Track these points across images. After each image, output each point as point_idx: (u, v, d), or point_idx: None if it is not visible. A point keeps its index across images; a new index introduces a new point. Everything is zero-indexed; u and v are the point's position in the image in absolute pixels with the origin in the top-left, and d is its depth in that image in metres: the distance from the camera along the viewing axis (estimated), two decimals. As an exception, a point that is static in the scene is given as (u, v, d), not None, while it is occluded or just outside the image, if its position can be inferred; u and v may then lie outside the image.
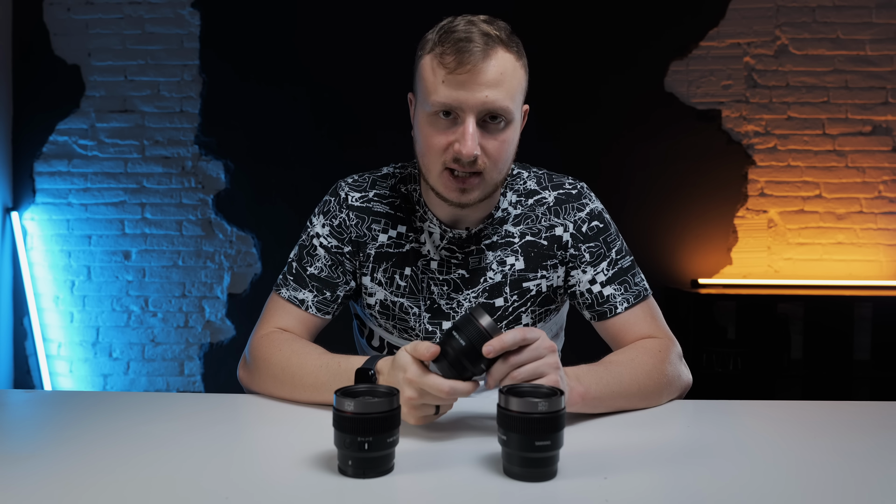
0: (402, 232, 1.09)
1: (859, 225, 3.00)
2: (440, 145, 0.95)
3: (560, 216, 1.09)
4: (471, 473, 0.71)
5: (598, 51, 3.03)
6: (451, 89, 0.92)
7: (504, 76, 0.93)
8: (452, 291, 1.07)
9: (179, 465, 0.73)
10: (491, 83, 0.92)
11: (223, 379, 3.09)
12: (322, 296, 1.08)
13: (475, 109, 0.92)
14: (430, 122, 0.96)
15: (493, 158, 0.96)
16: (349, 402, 0.68)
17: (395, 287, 1.08)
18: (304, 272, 1.09)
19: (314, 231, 1.11)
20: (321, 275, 1.08)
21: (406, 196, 1.11)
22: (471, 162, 0.94)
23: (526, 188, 1.11)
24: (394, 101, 3.02)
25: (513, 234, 1.08)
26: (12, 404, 1.04)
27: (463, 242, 1.07)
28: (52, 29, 3.10)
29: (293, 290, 1.09)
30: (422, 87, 0.97)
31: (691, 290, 2.86)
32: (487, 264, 1.07)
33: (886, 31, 2.98)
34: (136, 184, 3.10)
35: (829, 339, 2.77)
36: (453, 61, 0.92)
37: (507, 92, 0.94)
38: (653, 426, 0.90)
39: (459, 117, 0.94)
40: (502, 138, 0.96)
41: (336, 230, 1.09)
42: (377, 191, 1.11)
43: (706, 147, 3.00)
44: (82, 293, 3.10)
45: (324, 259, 1.09)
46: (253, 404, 0.99)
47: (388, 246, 1.09)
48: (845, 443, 0.84)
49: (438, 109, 0.94)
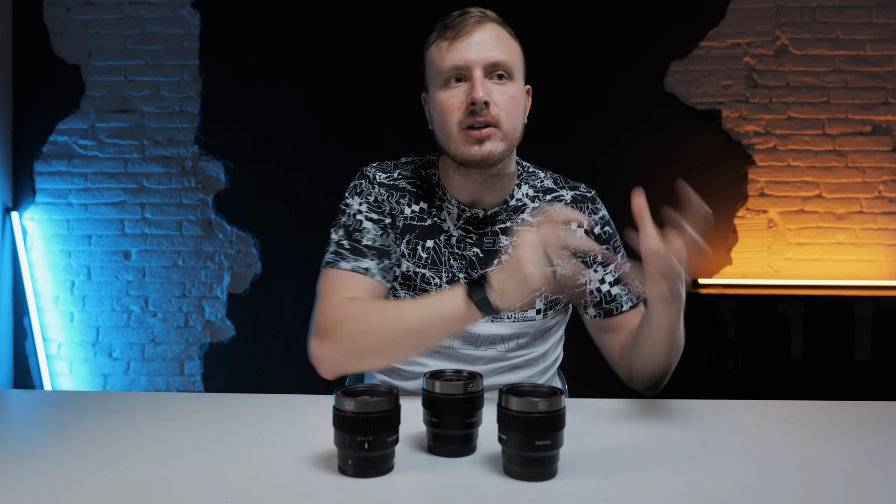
0: (425, 207, 1.14)
1: (859, 225, 3.00)
2: (454, 104, 1.03)
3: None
4: (471, 473, 0.71)
5: (598, 51, 3.02)
6: (455, 52, 1.02)
7: (501, 40, 1.04)
8: (468, 267, 1.12)
9: (179, 464, 0.73)
10: (490, 42, 1.03)
11: (223, 379, 3.09)
12: (382, 263, 1.08)
13: (480, 64, 1.02)
14: (443, 90, 1.04)
15: (504, 109, 1.03)
16: (349, 402, 0.68)
17: (416, 258, 1.12)
18: (360, 243, 1.08)
19: (354, 210, 1.12)
20: (376, 244, 1.09)
21: (426, 179, 1.16)
22: (483, 109, 1.01)
23: (543, 185, 1.19)
24: (394, 101, 3.02)
25: (531, 223, 1.14)
26: (12, 404, 1.04)
27: (479, 223, 1.13)
28: (52, 29, 3.10)
29: (354, 261, 1.06)
30: (432, 69, 1.07)
31: (691, 290, 2.86)
32: (502, 247, 1.12)
33: (886, 31, 2.98)
34: (136, 184, 3.10)
35: (829, 339, 2.77)
36: (452, 32, 1.03)
37: (507, 52, 1.04)
38: (653, 426, 0.91)
39: (467, 77, 1.03)
40: (510, 93, 1.04)
41: (374, 205, 1.12)
42: (400, 171, 1.17)
43: (706, 147, 3.00)
44: (82, 293, 3.10)
45: (373, 230, 1.10)
46: (253, 404, 0.99)
47: (412, 219, 1.13)
48: (845, 443, 0.84)
49: (448, 75, 1.03)
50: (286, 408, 0.98)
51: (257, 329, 3.08)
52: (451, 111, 1.03)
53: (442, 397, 0.75)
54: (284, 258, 3.07)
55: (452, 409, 0.75)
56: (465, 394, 0.76)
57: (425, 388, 0.77)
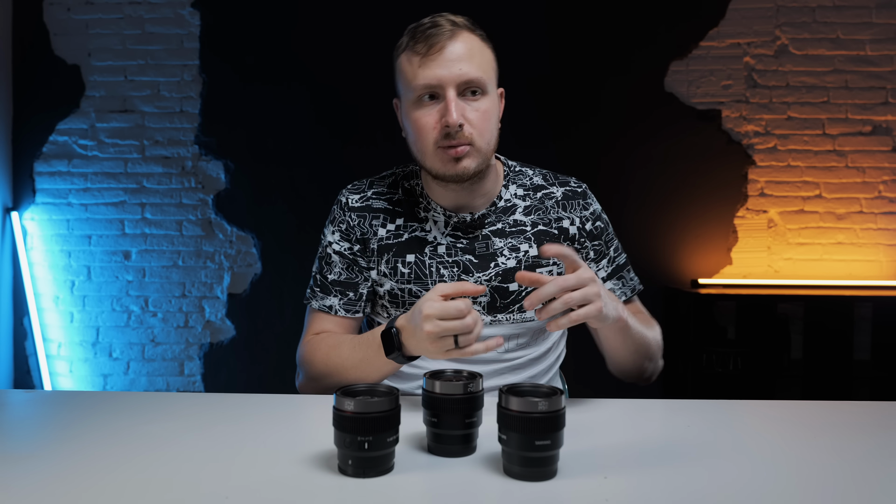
0: (401, 224, 1.15)
1: (859, 225, 3.00)
2: (429, 124, 1.04)
3: (567, 210, 1.17)
4: (471, 473, 0.71)
5: (598, 51, 3.02)
6: (428, 70, 1.02)
7: (473, 52, 1.03)
8: (462, 273, 1.12)
9: (179, 465, 0.73)
10: (462, 57, 1.02)
11: (223, 379, 3.09)
12: (346, 297, 1.15)
13: (453, 82, 1.02)
14: (416, 107, 1.05)
15: (477, 128, 1.04)
16: (349, 402, 0.68)
17: (399, 276, 1.13)
18: (327, 280, 1.17)
19: (327, 241, 1.18)
20: (341, 278, 1.16)
21: (409, 191, 1.17)
22: (458, 132, 1.02)
23: (532, 183, 1.19)
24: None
25: (524, 223, 1.15)
26: (12, 404, 1.04)
27: (467, 227, 1.14)
28: (52, 29, 3.10)
29: (320, 299, 1.16)
30: (403, 82, 1.07)
31: (691, 290, 2.86)
32: (497, 250, 1.13)
33: (886, 31, 2.98)
34: (136, 184, 3.10)
35: (829, 339, 2.77)
36: (424, 47, 1.02)
37: (479, 66, 1.04)
38: (653, 426, 0.90)
39: (440, 95, 1.03)
40: (483, 108, 1.04)
41: (344, 234, 1.17)
42: (375, 189, 1.19)
43: (706, 147, 3.00)
44: (82, 293, 3.10)
45: (340, 264, 1.16)
46: (253, 404, 0.99)
47: (387, 238, 1.15)
48: (845, 443, 0.84)
49: (421, 93, 1.03)
50: (286, 408, 0.98)
51: (257, 329, 3.08)
52: (425, 130, 1.04)
53: (442, 397, 0.75)
54: (284, 258, 3.07)
55: (452, 409, 0.75)
56: (465, 394, 0.76)
57: (425, 388, 0.77)
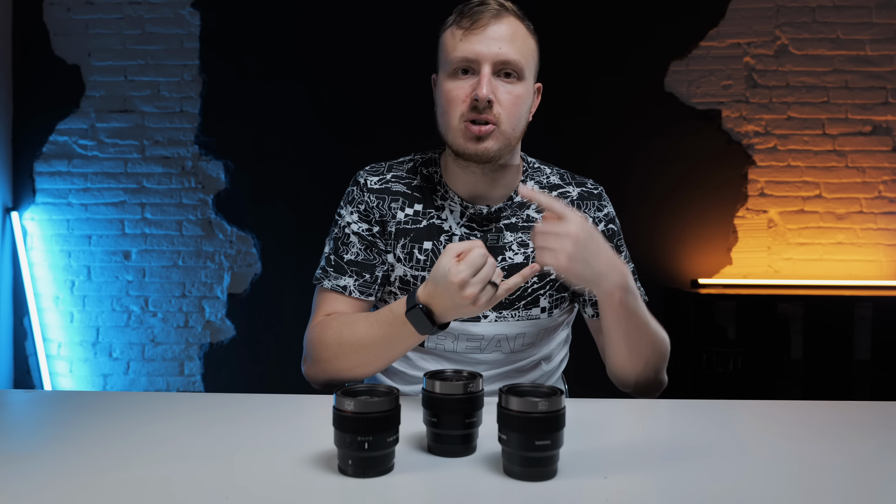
0: (420, 210, 1.13)
1: (859, 225, 3.00)
2: (459, 97, 1.02)
3: (582, 210, 1.16)
4: (471, 473, 0.71)
5: (598, 50, 3.02)
6: (468, 44, 1.01)
7: (516, 36, 1.03)
8: None
9: (179, 464, 0.73)
10: (504, 38, 1.01)
11: (223, 379, 3.09)
12: (362, 279, 1.11)
13: (490, 60, 1.01)
14: (450, 79, 1.04)
15: (506, 109, 1.02)
16: (349, 402, 0.68)
17: (414, 262, 1.12)
18: (342, 260, 1.12)
19: (345, 221, 1.15)
20: (358, 259, 1.12)
21: (427, 177, 1.16)
22: (486, 108, 1.00)
23: (549, 182, 1.18)
24: (395, 100, 3.02)
25: (536, 220, 1.14)
26: (12, 404, 1.04)
27: (483, 219, 1.12)
28: (52, 29, 3.10)
29: (334, 279, 1.12)
30: (443, 55, 1.06)
31: (691, 290, 2.86)
32: (506, 244, 1.12)
33: (886, 31, 2.98)
34: (136, 184, 3.10)
35: (829, 339, 2.77)
36: (468, 21, 1.02)
37: (519, 50, 1.03)
38: (653, 426, 0.90)
39: (476, 70, 1.02)
40: (515, 93, 1.03)
41: (363, 214, 1.14)
42: (394, 173, 1.17)
43: (706, 147, 3.00)
44: (82, 293, 3.10)
45: (358, 244, 1.13)
46: (253, 404, 0.99)
47: (405, 222, 1.13)
48: (845, 443, 0.84)
49: (457, 65, 1.03)
50: (286, 408, 0.98)
51: (257, 329, 3.08)
52: (454, 102, 1.03)
53: (442, 397, 0.75)
54: (284, 258, 3.07)
55: (452, 409, 0.75)
56: (465, 394, 0.76)
57: (425, 388, 0.77)
